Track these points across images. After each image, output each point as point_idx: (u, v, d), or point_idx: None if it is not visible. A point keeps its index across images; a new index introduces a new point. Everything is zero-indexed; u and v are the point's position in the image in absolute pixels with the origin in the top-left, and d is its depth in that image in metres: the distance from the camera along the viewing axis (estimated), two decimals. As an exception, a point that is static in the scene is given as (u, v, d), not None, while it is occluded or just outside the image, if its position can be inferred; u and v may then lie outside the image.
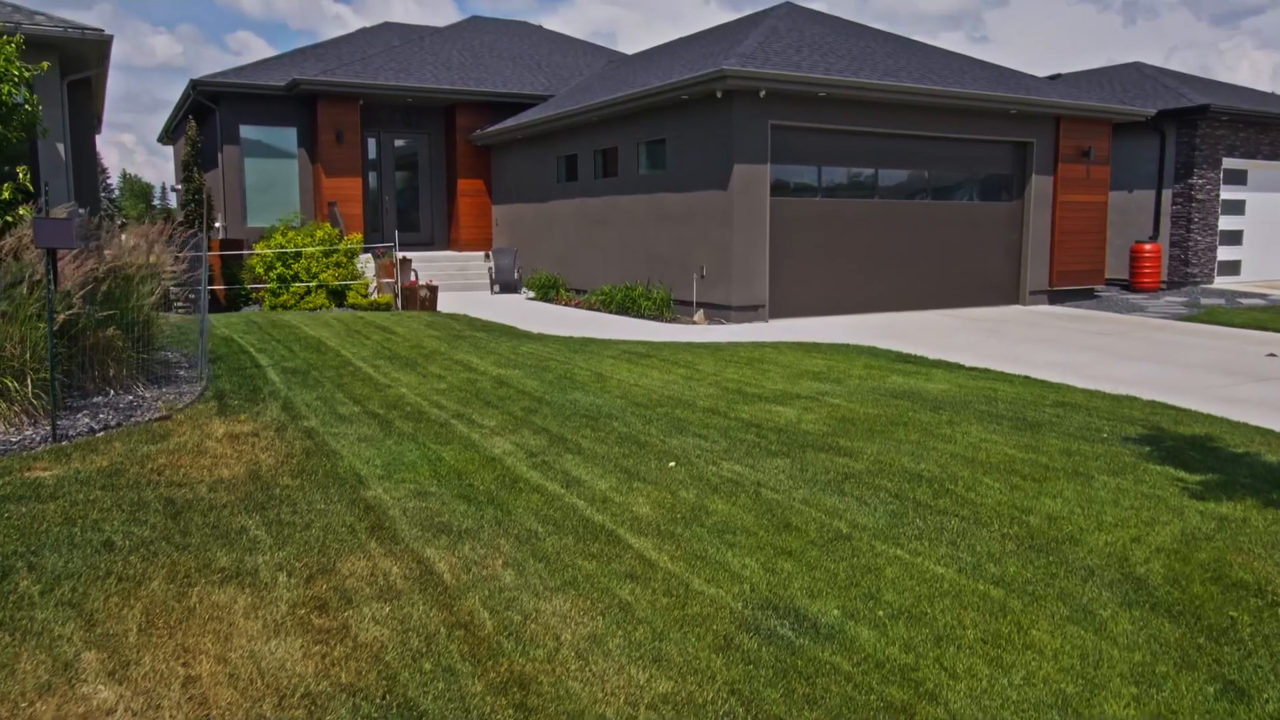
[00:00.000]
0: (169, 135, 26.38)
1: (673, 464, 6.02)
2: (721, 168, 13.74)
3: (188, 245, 8.89)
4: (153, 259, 7.93)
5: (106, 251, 7.88)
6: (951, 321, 14.61)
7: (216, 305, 18.15)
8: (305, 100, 19.67)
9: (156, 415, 7.04)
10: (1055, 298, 17.03)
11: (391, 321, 13.11)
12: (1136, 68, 22.38)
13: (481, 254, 20.89)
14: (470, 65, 21.82)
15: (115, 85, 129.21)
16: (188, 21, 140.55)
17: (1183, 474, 5.94)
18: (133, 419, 6.90)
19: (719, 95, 13.51)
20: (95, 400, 7.33)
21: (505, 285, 19.64)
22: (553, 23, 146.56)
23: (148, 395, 7.67)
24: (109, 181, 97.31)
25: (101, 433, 6.52)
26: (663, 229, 15.30)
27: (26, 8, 14.48)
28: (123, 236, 8.42)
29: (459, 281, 20.02)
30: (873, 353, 10.96)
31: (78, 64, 15.57)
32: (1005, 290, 16.75)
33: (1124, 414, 7.75)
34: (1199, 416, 7.75)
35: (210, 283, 17.73)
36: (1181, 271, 19.15)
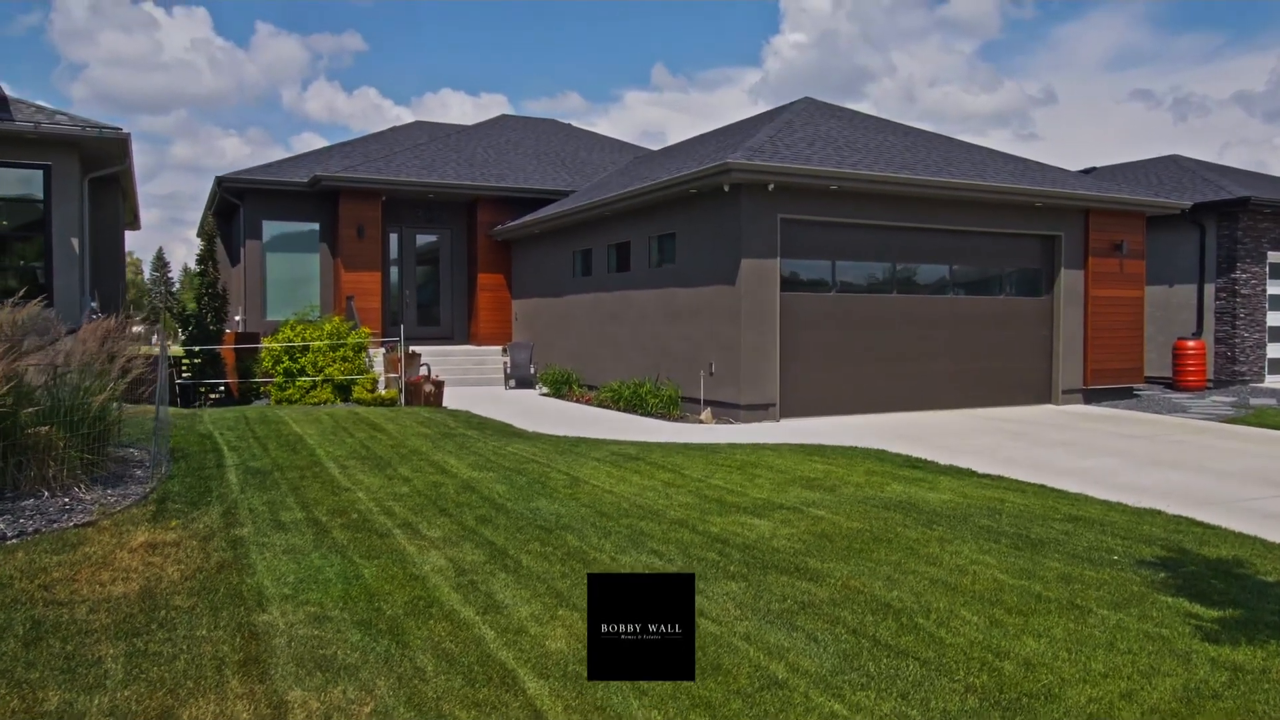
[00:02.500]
0: (204, 231, 26.92)
1: (613, 586, 5.39)
2: (729, 262, 13.35)
3: (161, 343, 8.62)
4: (106, 353, 7.64)
5: (59, 346, 7.61)
6: (975, 422, 13.82)
7: (230, 398, 18.05)
8: (327, 196, 19.89)
9: (83, 520, 6.61)
10: (1090, 397, 16.15)
11: (386, 418, 12.73)
12: (1174, 160, 21.80)
13: (499, 349, 20.64)
14: (493, 162, 21.99)
15: (185, 185, 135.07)
16: (257, 125, 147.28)
17: (1198, 608, 5.16)
18: (56, 524, 6.48)
19: (726, 189, 13.21)
20: (25, 503, 6.93)
21: (521, 380, 19.30)
22: (604, 124, 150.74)
23: (87, 497, 7.26)
24: (170, 276, 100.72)
25: (15, 539, 6.09)
26: (673, 325, 14.88)
27: (49, 108, 14.84)
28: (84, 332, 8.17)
29: (475, 376, 19.73)
30: (879, 457, 10.25)
31: (100, 162, 15.88)
32: (1036, 389, 15.93)
33: (1143, 531, 6.95)
34: (1229, 535, 6.92)
35: (223, 376, 17.69)
36: (1229, 369, 18.15)
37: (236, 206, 20.25)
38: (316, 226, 20.30)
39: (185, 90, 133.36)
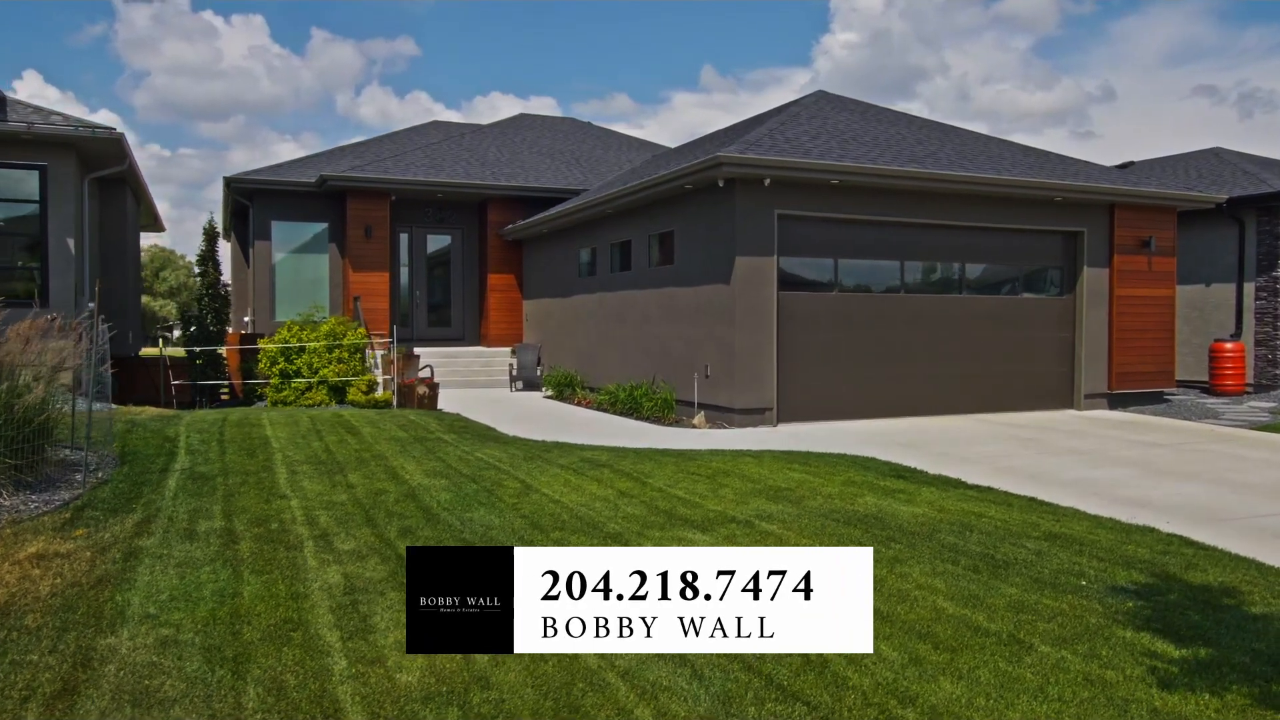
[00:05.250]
0: (226, 233, 27.00)
1: (505, 610, 4.91)
2: (725, 260, 12.79)
3: (98, 341, 8.34)
4: (31, 356, 7.36)
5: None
6: (986, 428, 13.08)
7: (235, 399, 17.93)
8: (336, 196, 19.71)
9: (-14, 528, 6.31)
10: (1116, 401, 15.28)
11: (368, 421, 12.39)
12: (1215, 153, 20.71)
13: (509, 350, 20.29)
14: (506, 161, 21.66)
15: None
16: (311, 130, 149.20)
17: (1160, 645, 4.53)
18: (-45, 532, 6.18)
19: (720, 184, 12.67)
20: (-66, 509, 6.67)
21: (528, 383, 18.92)
22: (651, 126, 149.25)
23: (6, 503, 6.99)
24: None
25: (-97, 549, 5.80)
26: (672, 326, 14.36)
27: (46, 108, 14.81)
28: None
29: (482, 379, 19.40)
30: (866, 465, 9.63)
31: (99, 162, 15.85)
32: (1057, 394, 15.10)
33: (1126, 552, 6.29)
34: (1225, 558, 6.22)
35: (223, 377, 17.57)
36: (1270, 373, 17.10)
37: (247, 207, 20.17)
38: (325, 227, 20.15)
39: (243, 97, 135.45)
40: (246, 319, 20.02)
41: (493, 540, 6.35)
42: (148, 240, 68.42)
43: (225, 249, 25.23)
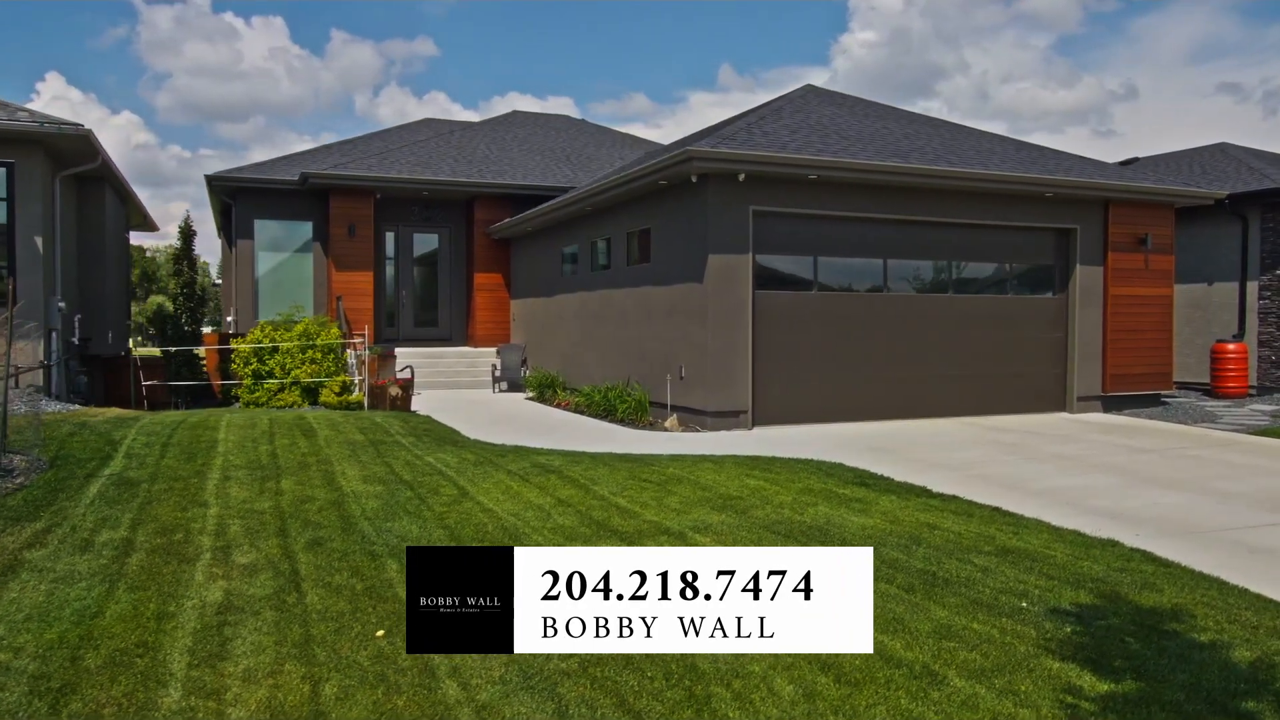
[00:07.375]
0: (219, 232, 26.83)
1: (381, 633, 4.54)
2: (698, 258, 12.38)
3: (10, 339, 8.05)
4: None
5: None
6: (971, 432, 12.61)
7: (212, 399, 17.69)
8: (319, 194, 19.42)
9: (-128, 539, 6.01)
10: (1111, 404, 14.75)
11: (329, 424, 12.06)
12: (1222, 149, 20.10)
13: (495, 350, 19.95)
14: (494, 159, 21.32)
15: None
16: (329, 131, 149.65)
17: (1087, 679, 4.10)
18: None
19: (694, 180, 12.26)
20: None
21: (512, 384, 18.58)
22: (668, 126, 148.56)
23: (-93, 511, 6.68)
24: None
25: None
26: (648, 326, 13.96)
27: (12, 104, 14.57)
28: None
29: (467, 379, 19.06)
30: (829, 471, 9.20)
31: (70, 159, 15.58)
32: (1049, 396, 14.59)
33: (1079, 569, 5.84)
34: (1184, 576, 5.77)
35: (199, 378, 17.31)
36: (1273, 375, 16.51)
37: (230, 205, 19.93)
38: (310, 226, 19.86)
39: (264, 98, 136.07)
40: (229, 319, 19.78)
41: (402, 554, 5.97)
42: (163, 241, 68.55)
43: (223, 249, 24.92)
